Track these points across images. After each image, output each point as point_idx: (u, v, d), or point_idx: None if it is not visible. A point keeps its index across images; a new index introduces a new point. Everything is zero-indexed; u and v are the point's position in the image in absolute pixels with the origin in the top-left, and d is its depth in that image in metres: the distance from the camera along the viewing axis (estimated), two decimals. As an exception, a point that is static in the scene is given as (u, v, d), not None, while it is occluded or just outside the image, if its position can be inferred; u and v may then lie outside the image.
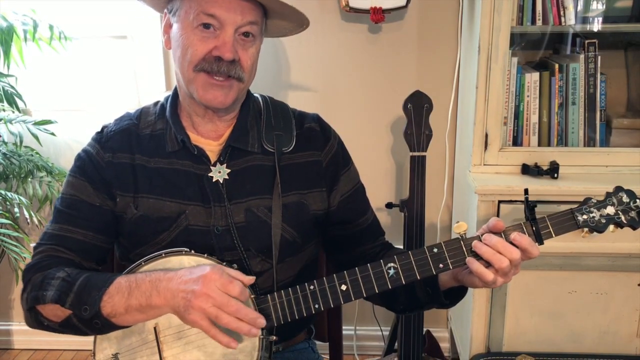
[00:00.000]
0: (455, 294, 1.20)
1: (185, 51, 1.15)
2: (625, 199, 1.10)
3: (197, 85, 1.16)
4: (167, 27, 1.22)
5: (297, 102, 2.31)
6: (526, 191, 1.12)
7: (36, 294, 1.13)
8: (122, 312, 1.09)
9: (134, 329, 1.14)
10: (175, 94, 1.27)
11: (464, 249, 1.09)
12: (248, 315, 1.04)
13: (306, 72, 2.32)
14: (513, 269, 1.07)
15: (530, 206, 1.09)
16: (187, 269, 1.08)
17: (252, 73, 1.21)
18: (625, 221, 1.09)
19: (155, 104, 1.30)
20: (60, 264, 1.17)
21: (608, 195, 1.11)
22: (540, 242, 1.08)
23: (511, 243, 1.07)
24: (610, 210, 1.09)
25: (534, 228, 1.08)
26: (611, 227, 1.10)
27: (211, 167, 1.22)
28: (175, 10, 1.18)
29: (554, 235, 1.09)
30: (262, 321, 1.05)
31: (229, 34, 1.13)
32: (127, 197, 1.22)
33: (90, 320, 1.09)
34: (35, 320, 1.16)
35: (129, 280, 1.10)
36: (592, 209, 1.09)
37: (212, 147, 1.24)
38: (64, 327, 1.14)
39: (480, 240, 1.08)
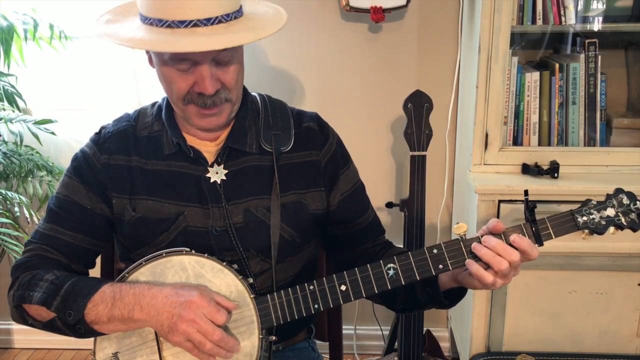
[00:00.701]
0: (455, 295, 1.20)
1: (169, 86, 1.14)
2: (625, 200, 1.10)
3: (190, 114, 1.16)
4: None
5: (297, 101, 2.31)
6: (526, 192, 1.12)
7: (23, 293, 1.14)
8: (105, 321, 1.10)
9: (135, 329, 1.14)
10: None
11: (464, 250, 1.09)
12: (228, 344, 1.07)
13: (306, 72, 2.32)
14: (512, 271, 1.07)
15: (530, 207, 1.09)
16: (173, 288, 1.08)
17: (239, 86, 1.18)
18: (625, 223, 1.09)
19: (153, 105, 1.30)
20: (49, 265, 1.19)
21: (608, 197, 1.11)
22: (540, 244, 1.08)
23: (511, 245, 1.07)
24: (610, 212, 1.09)
25: (533, 229, 1.08)
26: (611, 229, 1.10)
27: (209, 168, 1.22)
28: None
29: (553, 237, 1.09)
30: (239, 348, 1.10)
31: (205, 68, 1.09)
32: (124, 199, 1.22)
33: (74, 326, 1.11)
34: (20, 317, 1.17)
35: (114, 291, 1.10)
36: (592, 210, 1.09)
37: (209, 148, 1.23)
38: (47, 327, 1.15)
39: (480, 242, 1.08)
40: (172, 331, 1.06)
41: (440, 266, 1.09)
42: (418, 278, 1.10)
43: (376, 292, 1.11)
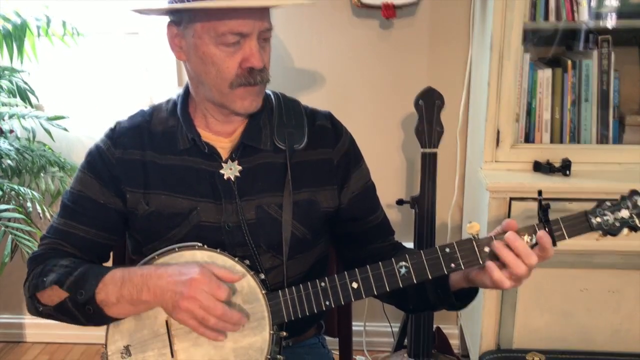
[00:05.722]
0: (466, 296, 1.20)
1: (217, 68, 1.14)
2: None
3: (234, 98, 1.16)
4: (176, 38, 1.18)
5: (308, 98, 2.31)
6: (540, 193, 1.12)
7: (36, 282, 1.17)
8: (114, 301, 1.11)
9: (146, 323, 1.15)
10: (185, 92, 1.27)
11: (477, 249, 1.08)
12: (233, 318, 1.08)
13: (317, 68, 2.32)
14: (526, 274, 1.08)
15: (543, 207, 1.09)
16: (177, 267, 1.10)
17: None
18: (639, 225, 1.08)
19: (168, 101, 1.30)
20: (63, 257, 1.21)
21: (623, 198, 1.10)
22: (554, 244, 1.08)
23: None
24: (624, 213, 1.08)
25: (547, 230, 1.08)
26: (625, 230, 1.09)
27: (223, 164, 1.22)
28: (186, 24, 1.14)
29: (567, 238, 1.08)
30: (244, 320, 1.11)
31: (254, 42, 1.13)
32: (138, 194, 1.23)
33: (84, 306, 1.12)
34: (33, 307, 1.20)
35: (123, 272, 1.13)
36: (606, 211, 1.08)
37: (223, 144, 1.24)
38: (57, 311, 1.16)
39: (499, 240, 1.08)
40: (176, 309, 1.07)
41: (453, 265, 1.09)
42: (430, 276, 1.10)
43: (388, 289, 1.11)
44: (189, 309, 1.06)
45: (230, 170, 1.22)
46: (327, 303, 1.13)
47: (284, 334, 1.16)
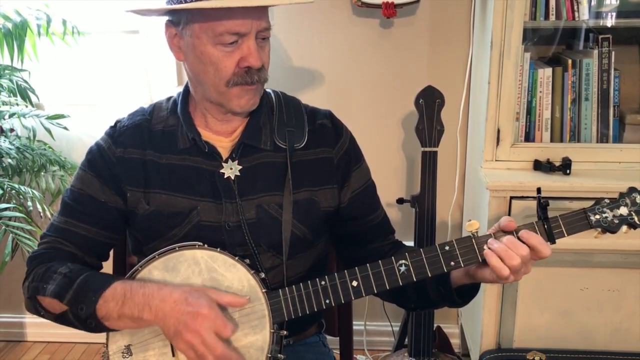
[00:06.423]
0: (467, 293, 1.20)
1: (215, 67, 1.14)
2: (639, 199, 1.09)
3: (231, 96, 1.16)
4: (174, 39, 1.18)
5: (308, 97, 2.30)
6: (539, 190, 1.12)
7: (37, 285, 1.16)
8: (115, 317, 1.11)
9: (147, 322, 1.15)
10: (186, 91, 1.27)
11: (476, 247, 1.09)
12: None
13: (317, 67, 2.31)
14: (523, 267, 1.07)
15: (542, 205, 1.09)
16: (182, 293, 1.08)
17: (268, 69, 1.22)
18: (638, 222, 1.09)
19: (168, 99, 1.30)
20: (63, 257, 1.20)
21: (621, 195, 1.10)
22: (552, 242, 1.08)
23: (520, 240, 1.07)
24: (623, 210, 1.09)
25: (546, 227, 1.08)
26: (624, 227, 1.09)
27: (223, 163, 1.22)
28: (184, 24, 1.15)
29: (566, 235, 1.09)
30: None
31: (252, 42, 1.13)
32: (138, 193, 1.23)
33: (85, 320, 1.12)
34: (34, 308, 1.19)
35: (124, 288, 1.11)
36: (605, 209, 1.09)
37: (223, 144, 1.24)
38: (59, 319, 1.16)
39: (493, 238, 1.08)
40: (177, 338, 1.06)
41: (452, 263, 1.09)
42: (429, 274, 1.10)
43: (387, 288, 1.11)
44: (191, 342, 1.05)
45: (231, 170, 1.22)
46: (328, 302, 1.13)
47: (285, 332, 1.16)
